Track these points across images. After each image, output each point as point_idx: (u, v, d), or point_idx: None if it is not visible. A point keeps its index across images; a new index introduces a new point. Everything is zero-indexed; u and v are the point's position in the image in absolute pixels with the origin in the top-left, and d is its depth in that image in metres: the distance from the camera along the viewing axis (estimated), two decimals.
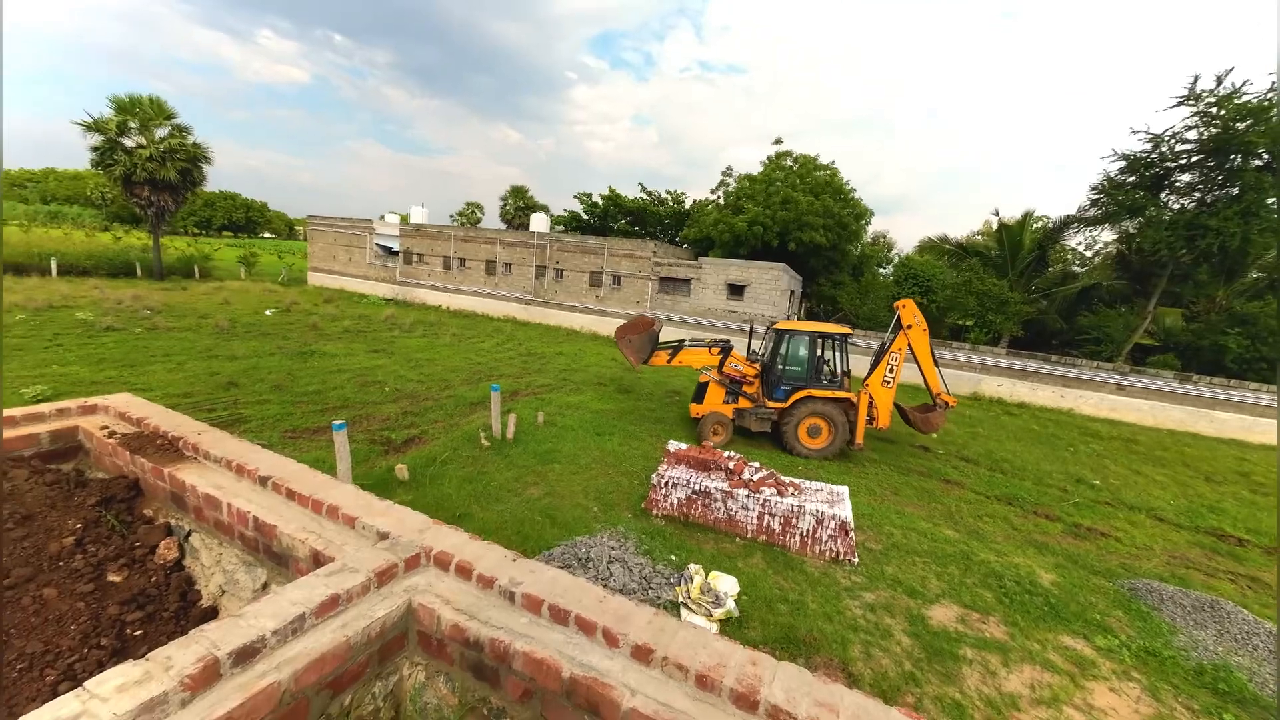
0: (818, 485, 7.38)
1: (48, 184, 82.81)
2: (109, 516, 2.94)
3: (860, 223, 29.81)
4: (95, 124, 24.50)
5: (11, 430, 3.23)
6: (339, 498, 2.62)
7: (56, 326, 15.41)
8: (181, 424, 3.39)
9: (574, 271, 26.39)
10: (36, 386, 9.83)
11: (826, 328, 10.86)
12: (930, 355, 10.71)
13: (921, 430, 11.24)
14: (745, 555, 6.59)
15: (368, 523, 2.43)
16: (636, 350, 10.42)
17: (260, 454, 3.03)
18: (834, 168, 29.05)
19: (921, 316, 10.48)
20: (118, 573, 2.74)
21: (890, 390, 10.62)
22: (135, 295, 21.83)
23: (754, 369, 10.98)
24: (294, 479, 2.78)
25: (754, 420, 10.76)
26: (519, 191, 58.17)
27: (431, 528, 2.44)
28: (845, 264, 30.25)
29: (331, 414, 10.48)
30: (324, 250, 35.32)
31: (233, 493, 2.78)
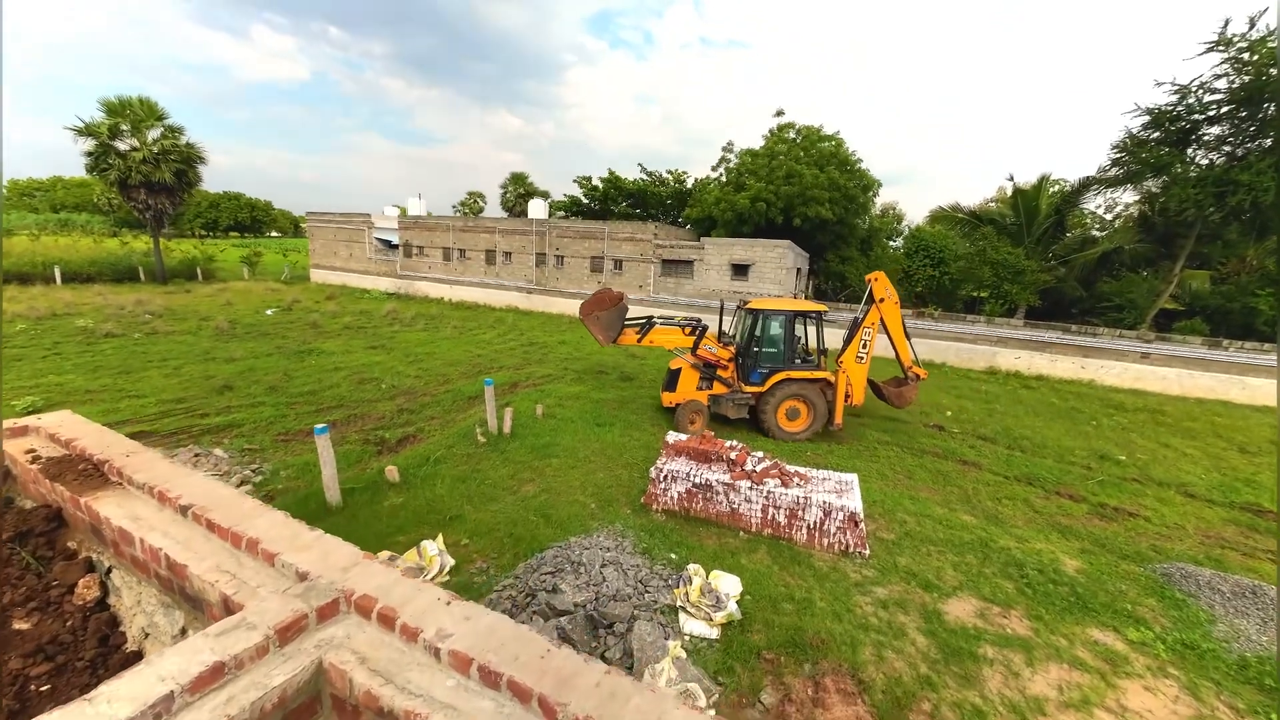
0: (825, 474, 7.01)
1: (55, 193, 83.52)
2: (23, 553, 2.66)
3: (868, 195, 28.85)
4: (87, 128, 24.32)
5: None
6: (262, 529, 2.31)
7: (57, 335, 15.39)
8: (112, 445, 3.10)
9: (574, 258, 25.92)
10: (29, 398, 9.74)
11: (802, 305, 10.41)
12: (902, 328, 10.57)
13: (895, 404, 11.06)
14: (749, 551, 6.28)
15: (288, 560, 2.12)
16: (604, 327, 9.65)
17: (188, 478, 2.73)
18: (839, 138, 28.01)
19: (893, 289, 10.32)
20: (26, 619, 2.46)
21: (864, 366, 10.43)
22: (138, 300, 21.82)
23: (728, 351, 10.40)
24: (217, 507, 2.47)
25: (731, 406, 10.25)
26: (519, 179, 57.38)
27: (359, 564, 2.11)
28: (853, 238, 29.36)
29: (326, 414, 10.28)
30: (325, 247, 35.15)
31: (149, 525, 2.49)
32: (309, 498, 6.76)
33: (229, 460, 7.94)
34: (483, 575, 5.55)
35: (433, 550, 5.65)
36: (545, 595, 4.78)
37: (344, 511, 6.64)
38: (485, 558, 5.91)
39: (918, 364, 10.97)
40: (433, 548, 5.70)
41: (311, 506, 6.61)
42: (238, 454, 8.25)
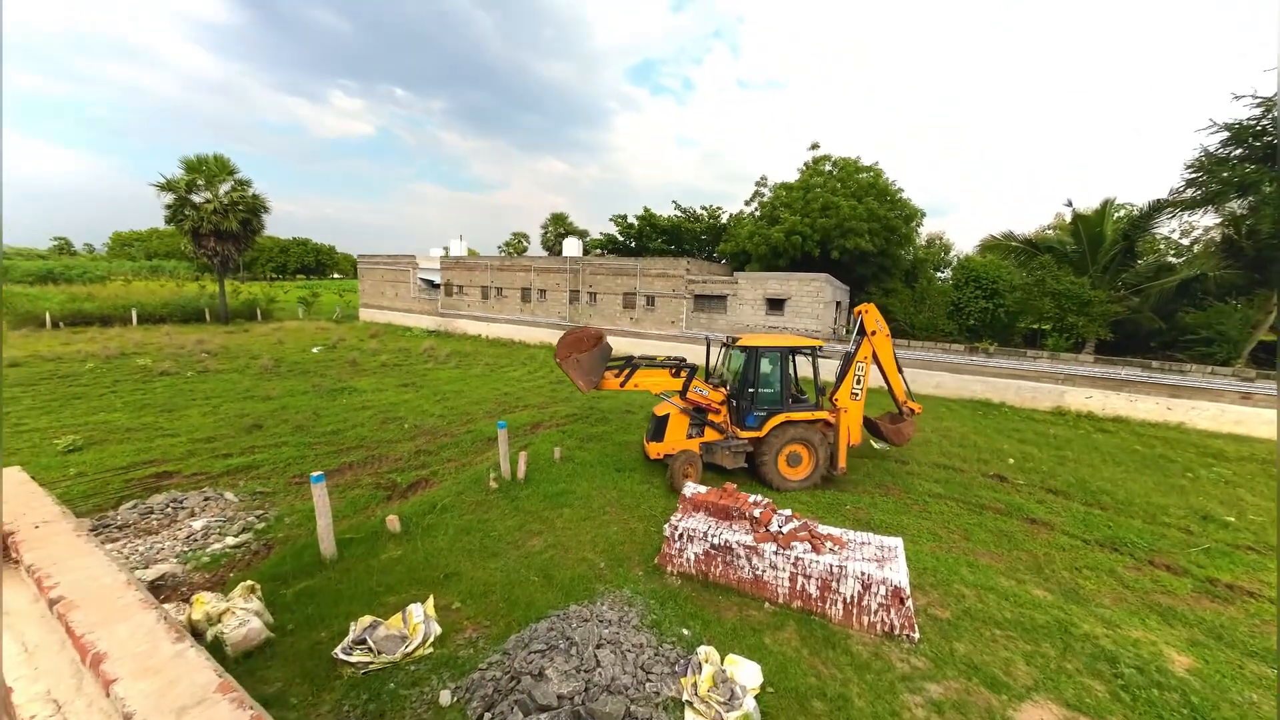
0: (864, 537, 6.12)
1: (151, 242, 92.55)
2: None
3: (911, 225, 27.77)
4: (168, 184, 26.73)
5: None
6: (119, 639, 1.87)
7: (118, 373, 16.34)
8: (30, 512, 2.80)
9: (607, 294, 25.92)
10: (70, 437, 10.10)
11: (798, 341, 9.62)
12: (895, 362, 9.98)
13: (894, 442, 10.34)
14: (775, 627, 5.45)
15: (120, 692, 1.66)
16: (585, 372, 8.40)
17: (79, 559, 2.36)
18: (878, 169, 27.31)
19: (884, 321, 9.78)
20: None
21: (860, 403, 9.63)
22: (199, 340, 23.21)
23: (720, 394, 9.34)
24: (87, 602, 2.07)
25: (726, 454, 9.24)
26: (559, 219, 59.22)
27: (202, 704, 1.62)
28: (897, 270, 28.15)
29: (344, 455, 10.17)
30: (373, 287, 36.85)
31: (10, 622, 2.11)
32: (305, 549, 6.45)
33: (237, 504, 7.81)
34: (469, 648, 4.98)
35: (418, 617, 5.15)
36: (529, 681, 4.16)
37: (338, 565, 6.27)
38: (476, 625, 5.35)
39: (911, 398, 10.39)
40: (419, 613, 5.20)
41: (305, 559, 6.29)
42: (248, 497, 8.14)
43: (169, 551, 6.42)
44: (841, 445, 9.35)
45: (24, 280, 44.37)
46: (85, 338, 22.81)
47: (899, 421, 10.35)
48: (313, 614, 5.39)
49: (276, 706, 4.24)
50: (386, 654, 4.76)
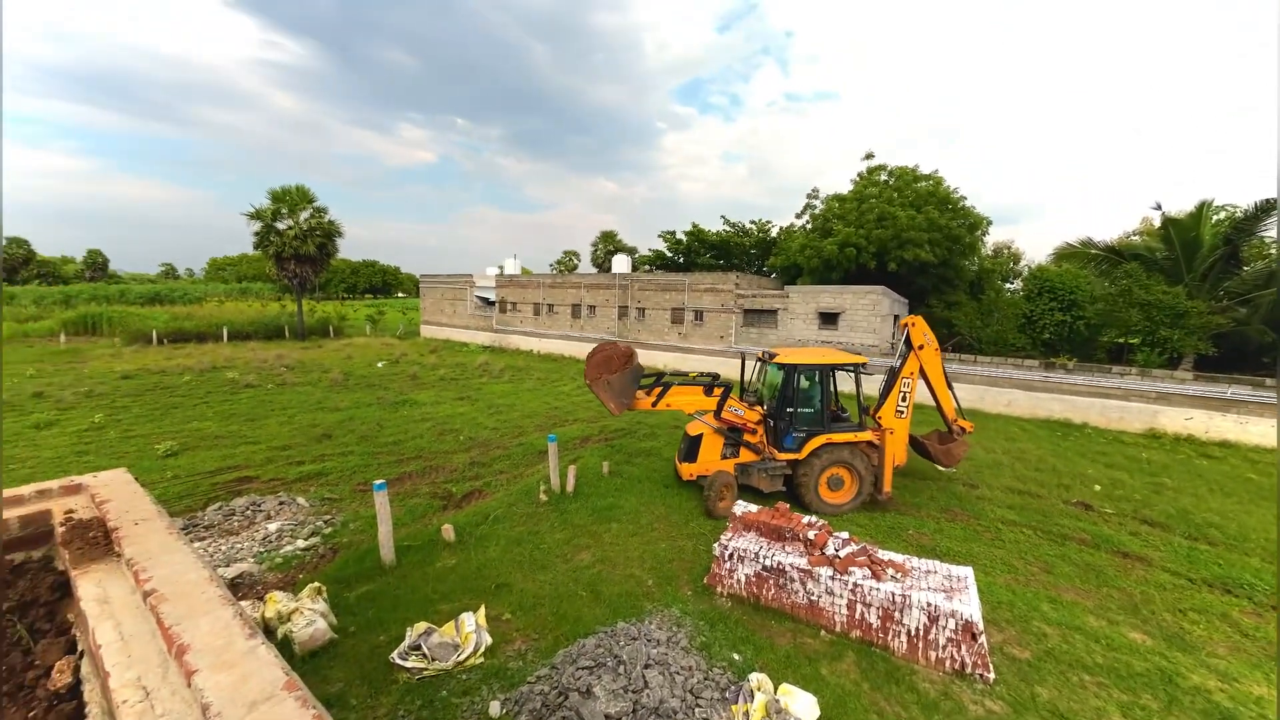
0: (929, 565, 5.73)
1: (241, 266, 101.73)
2: (19, 627, 2.58)
3: (975, 234, 26.30)
4: (256, 213, 29.38)
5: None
6: (200, 633, 2.00)
7: (210, 385, 17.91)
8: (132, 510, 3.07)
9: (655, 309, 26.03)
10: (168, 442, 11.12)
11: (840, 357, 9.10)
12: (945, 377, 9.44)
13: (943, 464, 9.73)
14: (832, 657, 5.16)
15: (200, 683, 1.76)
16: (616, 394, 7.91)
17: (168, 555, 2.56)
18: (938, 176, 26.15)
19: (932, 335, 9.30)
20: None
21: (905, 420, 9.09)
22: (279, 355, 25.13)
23: (756, 413, 8.89)
24: (175, 597, 2.23)
25: (763, 477, 8.75)
26: (608, 236, 60.40)
27: (269, 700, 1.69)
28: (960, 281, 26.67)
29: (404, 465, 10.63)
30: (433, 304, 38.74)
31: (111, 612, 2.30)
32: (367, 555, 6.74)
33: (308, 509, 8.30)
34: (518, 660, 5.02)
35: (469, 626, 5.24)
36: (577, 698, 4.13)
37: (396, 571, 6.51)
38: (526, 638, 5.39)
39: (962, 416, 9.84)
40: (470, 623, 5.29)
41: (367, 564, 6.57)
42: (318, 503, 8.64)
43: (247, 552, 6.89)
44: (887, 468, 8.86)
45: (136, 302, 49.74)
46: (184, 353, 25.21)
47: (949, 441, 9.74)
48: (373, 617, 5.60)
49: (338, 707, 4.40)
50: (440, 661, 4.87)
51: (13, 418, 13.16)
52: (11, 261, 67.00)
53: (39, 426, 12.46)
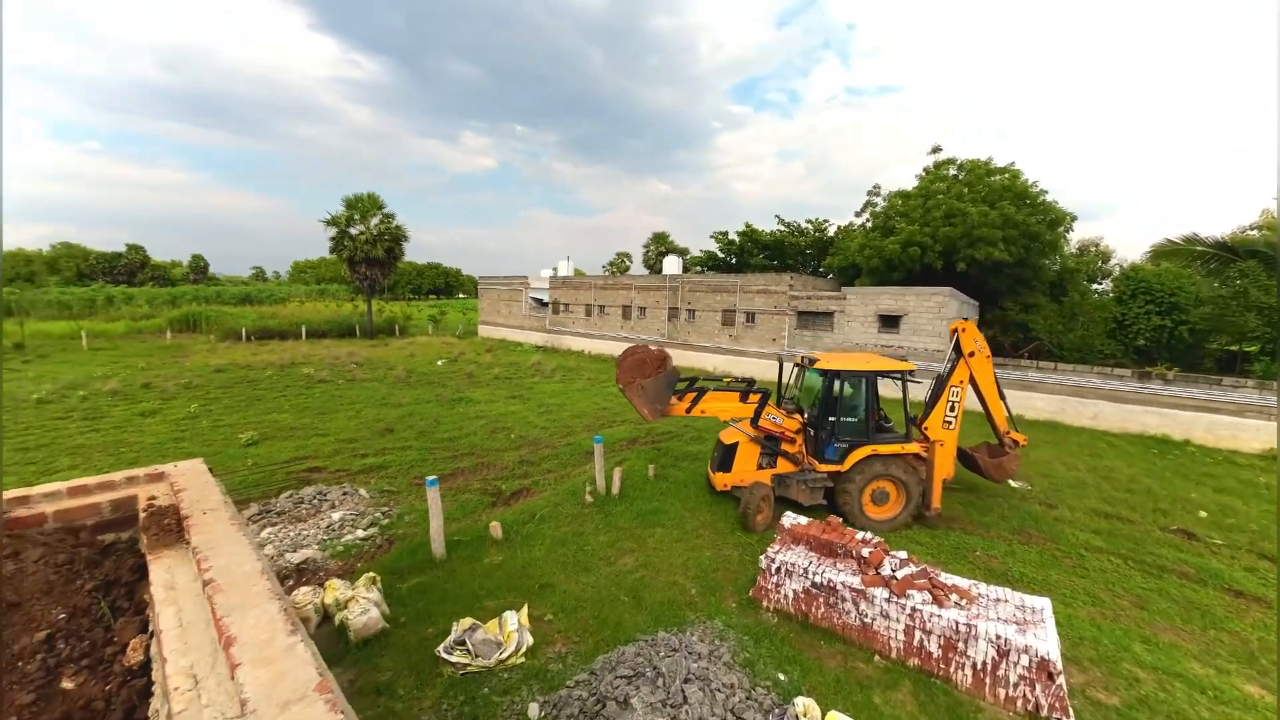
0: (999, 592, 5.25)
1: (320, 269, 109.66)
2: (103, 604, 2.80)
3: (1057, 231, 24.20)
4: (332, 220, 31.50)
5: (83, 499, 3.37)
6: (246, 626, 2.08)
7: (288, 380, 19.34)
8: (203, 499, 3.29)
9: (706, 311, 25.71)
10: (250, 432, 12.06)
11: (886, 364, 8.48)
12: (997, 386, 8.92)
13: (993, 478, 9.16)
14: (886, 685, 4.83)
15: (242, 678, 1.82)
16: (650, 399, 7.62)
17: (228, 545, 2.70)
18: (1014, 169, 24.28)
19: (984, 341, 8.79)
20: (74, 677, 2.47)
21: (953, 431, 8.52)
22: (350, 352, 26.80)
23: (795, 421, 8.51)
24: (229, 587, 2.34)
25: (802, 489, 8.31)
26: (660, 237, 60.39)
27: (301, 701, 1.72)
28: (1039, 281, 24.62)
29: (457, 461, 11.00)
30: (490, 305, 40.12)
31: (175, 598, 2.45)
32: (419, 548, 7.00)
33: (369, 500, 8.73)
34: (558, 662, 5.02)
35: (512, 625, 5.30)
36: (614, 708, 4.06)
37: (446, 565, 6.71)
38: (566, 640, 5.39)
39: (1014, 427, 9.32)
40: (513, 621, 5.36)
41: (419, 557, 6.81)
42: (378, 495, 9.08)
43: (312, 539, 7.32)
44: (936, 482, 8.30)
45: (229, 302, 54.68)
46: (268, 349, 27.40)
47: (1000, 454, 9.11)
48: (422, 610, 5.79)
49: (387, 696, 4.56)
50: (483, 658, 4.95)
51: (123, 405, 14.74)
52: (130, 265, 75.27)
53: (145, 414, 13.87)
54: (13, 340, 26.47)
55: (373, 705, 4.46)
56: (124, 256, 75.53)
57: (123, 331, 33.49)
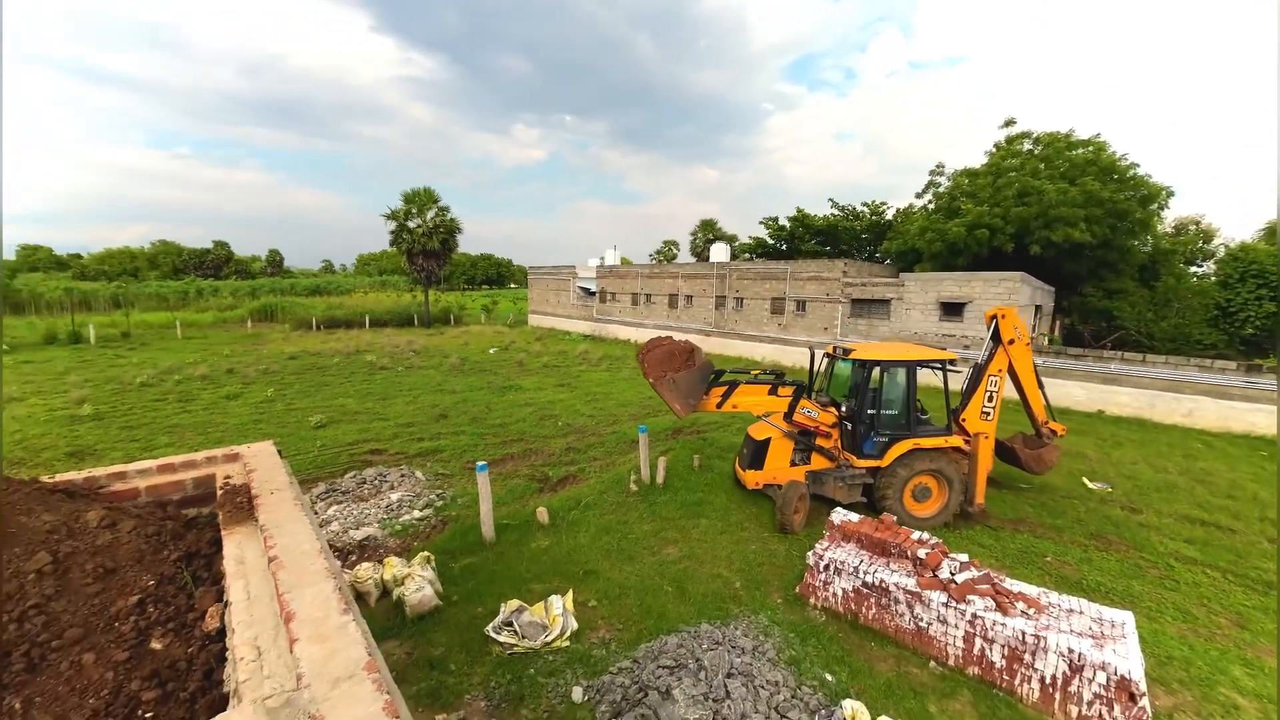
0: (1072, 603, 4.86)
1: (382, 261, 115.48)
2: (185, 574, 3.04)
3: (1150, 208, 21.93)
4: (392, 214, 32.99)
5: (170, 476, 3.68)
6: (304, 603, 2.19)
7: (353, 367, 20.52)
8: (271, 478, 3.50)
9: (754, 299, 25.14)
10: (318, 416, 12.88)
11: (927, 353, 7.99)
12: (1036, 375, 8.59)
13: (1033, 470, 8.78)
14: (943, 693, 4.59)
15: (300, 653, 1.91)
16: (683, 394, 7.15)
17: (290, 525, 2.86)
18: (1099, 141, 22.13)
19: (1025, 328, 8.47)
20: (161, 639, 2.69)
21: (991, 423, 8.18)
22: (408, 340, 28.12)
23: (831, 415, 8.09)
24: (290, 564, 2.48)
25: (839, 487, 7.88)
26: (708, 225, 59.50)
27: (353, 679, 1.78)
28: (1126, 264, 22.45)
29: (509, 447, 11.32)
30: (539, 295, 40.94)
31: (244, 572, 2.62)
32: (470, 530, 7.26)
33: (424, 482, 9.14)
34: (601, 648, 5.09)
35: (557, 609, 5.41)
36: (656, 698, 4.07)
37: (495, 548, 6.93)
38: (610, 626, 5.45)
39: (1053, 418, 9.02)
40: (559, 605, 5.47)
41: (470, 539, 7.07)
42: (433, 477, 9.49)
43: (373, 517, 7.75)
44: (980, 477, 7.92)
45: (301, 293, 58.53)
46: (335, 338, 29.17)
47: (1038, 446, 8.72)
48: (472, 590, 6.01)
49: (439, 670, 4.77)
50: (529, 639, 5.08)
51: (211, 389, 16.11)
52: (216, 260, 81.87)
53: (229, 398, 15.11)
54: (120, 329, 29.48)
55: (426, 678, 4.67)
56: (211, 252, 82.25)
57: (210, 321, 36.58)
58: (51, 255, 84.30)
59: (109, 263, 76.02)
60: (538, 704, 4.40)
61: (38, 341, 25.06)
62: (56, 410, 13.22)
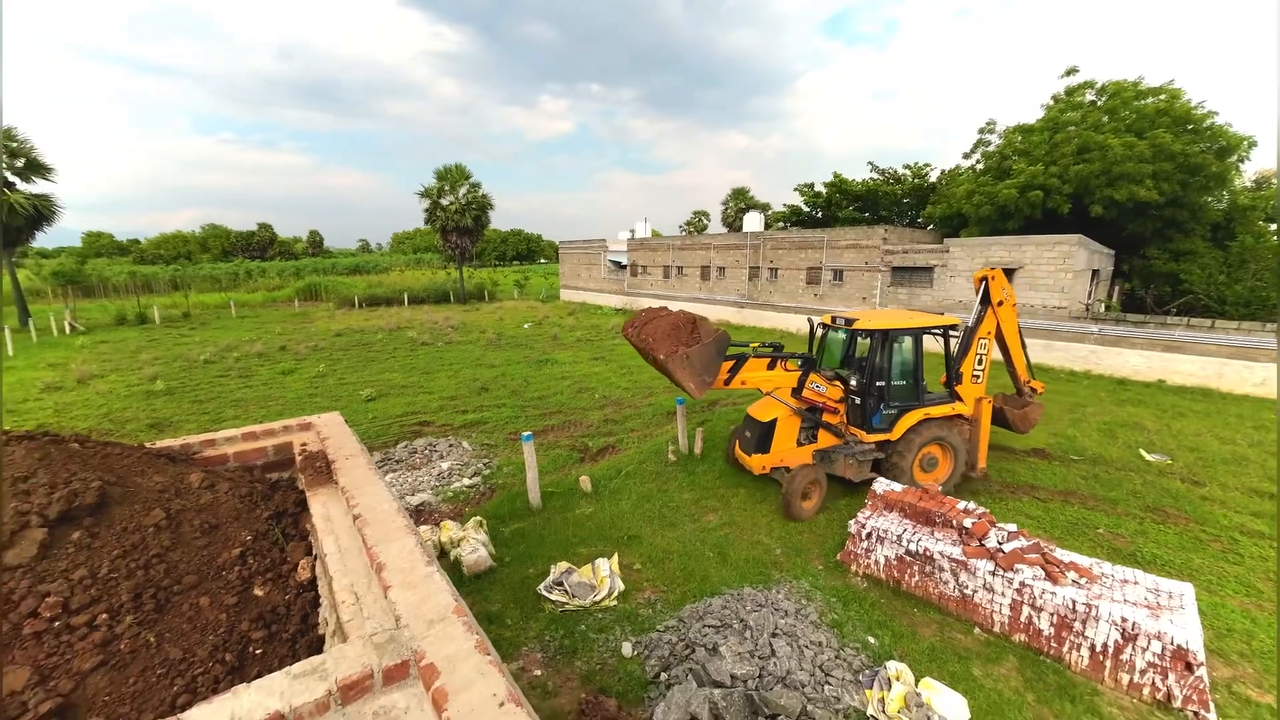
0: (1127, 574, 4.77)
1: (416, 239, 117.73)
2: (276, 530, 3.33)
3: (1228, 160, 20.11)
4: (426, 191, 33.44)
5: (253, 443, 3.98)
6: (391, 555, 2.40)
7: (396, 343, 21.26)
8: (344, 445, 3.76)
9: (789, 269, 24.59)
10: (368, 390, 13.50)
11: (928, 319, 7.69)
12: (1019, 336, 8.60)
13: (1019, 429, 8.77)
14: (988, 658, 4.63)
15: (394, 598, 2.12)
16: (698, 370, 6.20)
17: (368, 487, 3.08)
18: (1173, 89, 20.29)
19: (1011, 289, 8.27)
20: (262, 587, 2.99)
21: (980, 387, 8.03)
22: (446, 316, 28.84)
23: (838, 389, 7.63)
24: (374, 521, 2.70)
25: (849, 464, 7.38)
26: (740, 193, 57.97)
27: (445, 620, 1.97)
28: (1198, 223, 20.78)
29: (547, 419, 11.64)
30: (571, 269, 41.08)
31: (332, 527, 2.86)
32: (517, 497, 7.59)
33: (471, 452, 9.55)
34: (648, 609, 5.32)
35: (604, 571, 5.66)
36: (703, 654, 4.26)
37: (541, 514, 7.24)
38: (655, 589, 5.67)
39: (1033, 376, 9.07)
40: (605, 568, 5.71)
41: (518, 505, 7.40)
42: (479, 448, 9.89)
43: (426, 485, 8.18)
44: (982, 441, 7.97)
45: (342, 273, 60.46)
46: (377, 315, 30.18)
47: (1024, 405, 8.82)
48: (523, 552, 6.33)
49: (496, 624, 5.10)
50: (579, 599, 5.36)
51: (267, 366, 17.04)
52: (261, 242, 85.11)
53: (284, 373, 15.96)
54: (180, 310, 31.28)
55: (486, 631, 5.00)
56: (256, 234, 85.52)
57: (261, 301, 38.34)
58: (113, 241, 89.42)
59: (164, 247, 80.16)
60: (590, 657, 4.67)
61: (110, 323, 26.90)
62: (134, 386, 14.29)
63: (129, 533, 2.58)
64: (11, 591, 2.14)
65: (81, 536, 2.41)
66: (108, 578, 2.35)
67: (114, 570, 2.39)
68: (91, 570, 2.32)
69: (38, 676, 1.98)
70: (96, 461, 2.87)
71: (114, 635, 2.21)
